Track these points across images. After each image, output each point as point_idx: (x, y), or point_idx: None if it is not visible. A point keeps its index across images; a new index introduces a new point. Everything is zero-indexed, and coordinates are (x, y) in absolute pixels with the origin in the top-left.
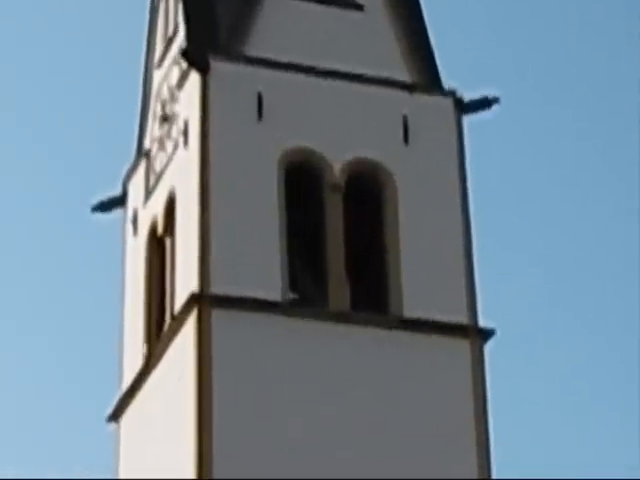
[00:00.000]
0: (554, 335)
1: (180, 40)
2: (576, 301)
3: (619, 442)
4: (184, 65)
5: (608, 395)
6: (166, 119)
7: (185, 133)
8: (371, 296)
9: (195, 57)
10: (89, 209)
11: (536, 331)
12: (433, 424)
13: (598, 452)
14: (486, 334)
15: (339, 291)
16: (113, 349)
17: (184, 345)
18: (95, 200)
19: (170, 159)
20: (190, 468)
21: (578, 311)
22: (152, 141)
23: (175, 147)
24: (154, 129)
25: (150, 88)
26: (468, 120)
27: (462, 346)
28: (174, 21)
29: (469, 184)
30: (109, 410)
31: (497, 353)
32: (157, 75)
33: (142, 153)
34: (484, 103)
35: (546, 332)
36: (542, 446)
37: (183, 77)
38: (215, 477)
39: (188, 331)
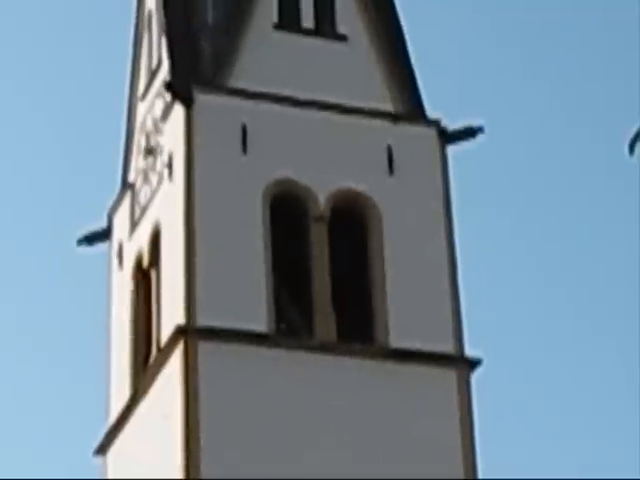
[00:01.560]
0: (541, 364)
1: (164, 73)
2: (563, 331)
3: (612, 470)
4: (168, 97)
5: (597, 423)
6: (150, 152)
7: (170, 166)
8: (357, 326)
9: (179, 89)
10: (74, 242)
11: (523, 360)
12: (420, 454)
13: None
14: (473, 364)
15: (325, 322)
16: (100, 382)
17: (170, 378)
18: (80, 233)
19: (155, 192)
20: None
21: (565, 341)
22: (137, 174)
23: (160, 180)
24: (139, 162)
25: (134, 121)
26: (452, 150)
27: (449, 376)
28: (158, 54)
29: (454, 214)
30: (96, 444)
31: (484, 382)
32: (141, 108)
33: (127, 186)
34: (468, 133)
35: (533, 361)
36: (531, 475)
37: (167, 109)
38: None
39: (174, 364)
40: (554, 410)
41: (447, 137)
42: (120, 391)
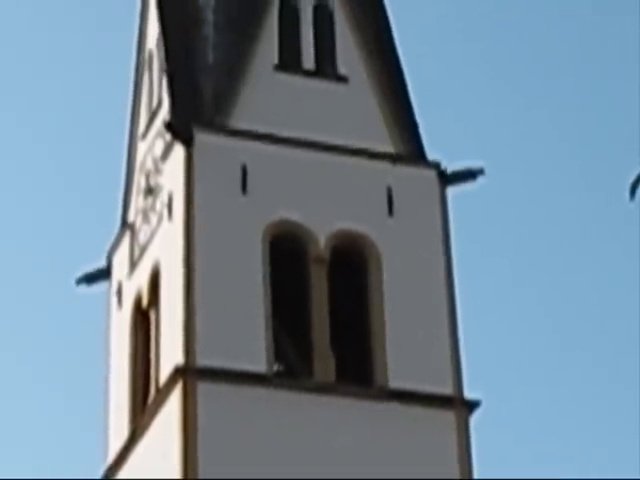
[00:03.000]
0: (540, 405)
1: (164, 112)
2: (561, 372)
3: None
4: (168, 137)
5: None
6: (150, 191)
7: (169, 206)
8: (356, 367)
9: (179, 129)
10: (73, 281)
11: (522, 402)
12: None
13: None
14: (472, 405)
15: (324, 362)
16: (98, 421)
17: (169, 417)
18: (79, 272)
19: (155, 231)
20: None
21: (563, 383)
22: (136, 213)
23: (159, 219)
24: (138, 201)
25: (134, 160)
26: (453, 191)
27: (448, 417)
28: (158, 93)
29: (454, 256)
30: None
31: (483, 424)
32: (141, 147)
33: (126, 225)
34: (469, 175)
35: (532, 403)
36: None
37: (167, 149)
38: None
39: (173, 404)
40: (554, 452)
41: (447, 179)
42: (119, 430)
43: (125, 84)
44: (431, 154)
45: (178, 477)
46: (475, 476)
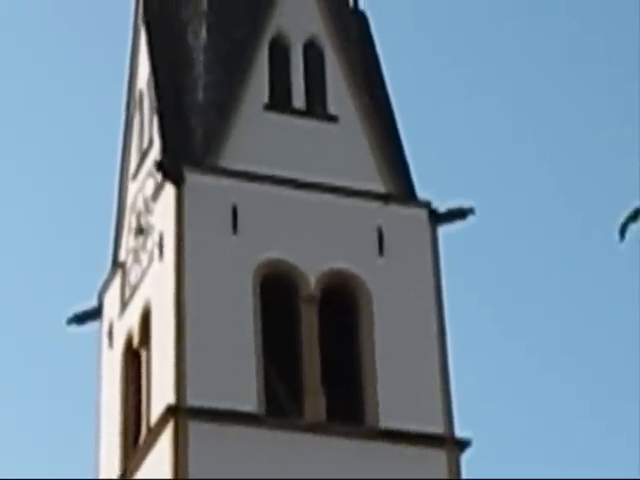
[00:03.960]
0: (532, 444)
1: (155, 152)
2: (553, 409)
3: None
4: (159, 177)
5: None
6: (141, 231)
7: (160, 245)
8: (347, 407)
9: (170, 169)
10: (64, 321)
11: (513, 441)
12: None
13: None
14: (463, 444)
15: (315, 402)
16: (89, 461)
17: (160, 457)
18: (70, 312)
19: (145, 271)
20: None
21: (555, 419)
22: (127, 253)
23: (150, 259)
24: (129, 241)
25: (125, 200)
26: (443, 230)
27: (439, 456)
28: (149, 133)
29: (444, 295)
30: None
31: (474, 463)
32: (132, 187)
33: (117, 265)
34: (459, 214)
35: (523, 442)
36: None
37: (158, 189)
38: None
39: (164, 443)
40: None
41: (438, 218)
42: (110, 470)
43: (116, 124)
44: (421, 193)
45: None
46: None
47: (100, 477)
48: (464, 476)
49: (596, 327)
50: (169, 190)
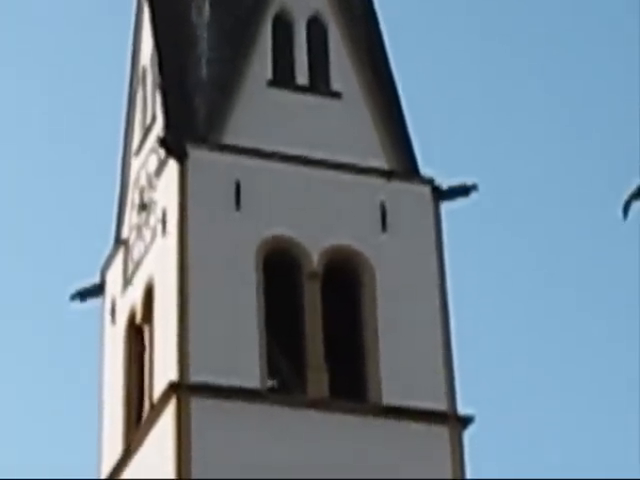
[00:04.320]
0: (534, 420)
1: (158, 128)
2: (555, 386)
3: None
4: (162, 153)
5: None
6: (144, 207)
7: (163, 222)
8: (350, 383)
9: (173, 145)
10: (67, 298)
11: (516, 418)
12: None
13: None
14: (465, 421)
15: (318, 378)
16: (92, 438)
17: (163, 433)
18: (73, 288)
19: (148, 247)
20: None
21: (557, 396)
22: (130, 229)
23: (153, 235)
24: (132, 217)
25: (128, 176)
26: (446, 207)
27: (441, 433)
28: (152, 109)
29: (447, 271)
30: None
31: (477, 439)
32: (135, 163)
33: (120, 242)
34: (462, 191)
35: (526, 418)
36: None
37: (161, 165)
38: None
39: (167, 420)
40: (548, 466)
41: (441, 194)
42: (112, 447)
43: (119, 100)
44: (425, 170)
45: None
46: None
47: (103, 453)
48: (466, 452)
49: (600, 304)
50: (172, 166)
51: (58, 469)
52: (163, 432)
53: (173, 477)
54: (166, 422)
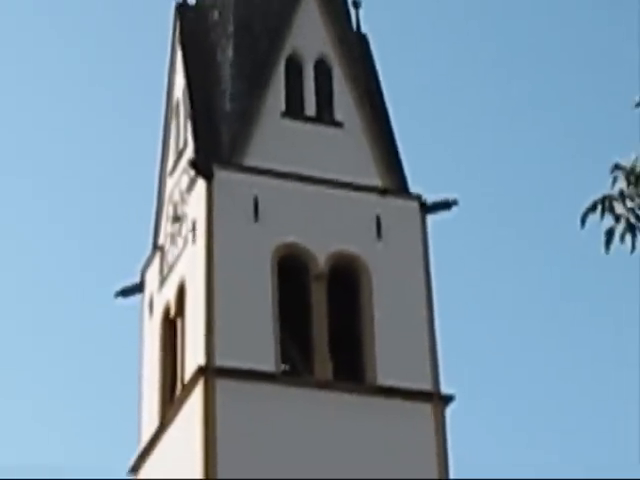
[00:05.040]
0: (509, 398)
1: (189, 153)
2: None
3: None
4: (192, 173)
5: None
6: (177, 219)
7: (193, 231)
8: (350, 367)
9: (201, 167)
10: (112, 295)
11: (493, 397)
12: (400, 477)
13: None
14: (447, 399)
15: (323, 363)
16: (133, 413)
17: (192, 410)
18: (117, 287)
19: (181, 253)
20: None
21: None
22: (165, 237)
23: (185, 243)
24: (167, 227)
25: (164, 192)
26: (432, 219)
27: (426, 410)
28: (184, 136)
29: (432, 273)
30: (130, 464)
31: (457, 415)
32: (170, 182)
33: (157, 247)
34: (445, 205)
35: (501, 396)
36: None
37: (191, 183)
38: None
39: (196, 398)
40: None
41: (427, 208)
42: (150, 421)
43: (156, 128)
44: (414, 187)
45: (199, 460)
46: (450, 460)
47: (142, 425)
48: (448, 426)
49: (570, 290)
50: (201, 184)
51: (107, 440)
52: (193, 408)
53: (201, 446)
54: (195, 400)
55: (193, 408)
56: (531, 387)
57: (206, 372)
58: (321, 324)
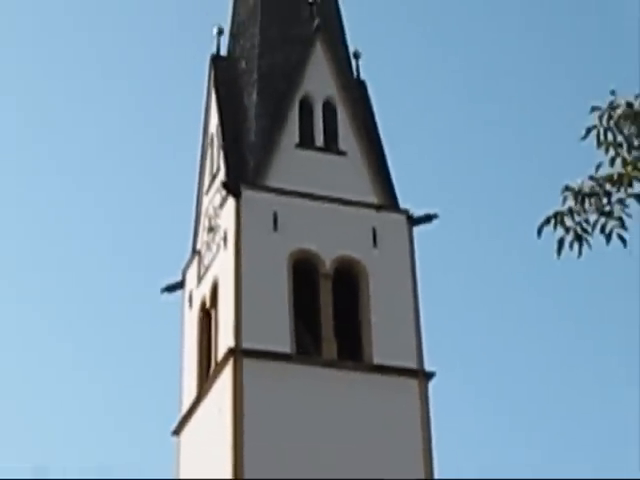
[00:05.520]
0: (486, 376)
1: (221, 176)
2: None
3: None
4: (224, 193)
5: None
6: (212, 229)
7: (224, 239)
8: (351, 348)
9: (231, 187)
10: (159, 291)
11: (469, 373)
12: (392, 440)
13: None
14: (429, 376)
15: (329, 345)
16: (176, 385)
17: (224, 385)
18: (163, 284)
19: (214, 257)
20: (228, 471)
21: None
22: (202, 244)
23: (218, 248)
24: (203, 236)
25: (201, 208)
26: (417, 230)
27: (413, 385)
28: (217, 163)
29: (418, 274)
30: (172, 427)
31: (438, 389)
32: (205, 199)
33: (196, 252)
34: (427, 218)
35: (476, 375)
36: (477, 449)
37: (223, 201)
38: (247, 477)
39: (227, 374)
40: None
41: (413, 221)
42: (190, 392)
43: (195, 156)
44: (403, 204)
45: (230, 426)
46: (432, 427)
47: (183, 397)
48: (431, 399)
49: (535, 287)
50: (231, 201)
51: (152, 406)
52: (224, 383)
53: (230, 414)
54: (226, 376)
55: (224, 382)
56: (504, 365)
57: (235, 353)
58: (327, 314)
